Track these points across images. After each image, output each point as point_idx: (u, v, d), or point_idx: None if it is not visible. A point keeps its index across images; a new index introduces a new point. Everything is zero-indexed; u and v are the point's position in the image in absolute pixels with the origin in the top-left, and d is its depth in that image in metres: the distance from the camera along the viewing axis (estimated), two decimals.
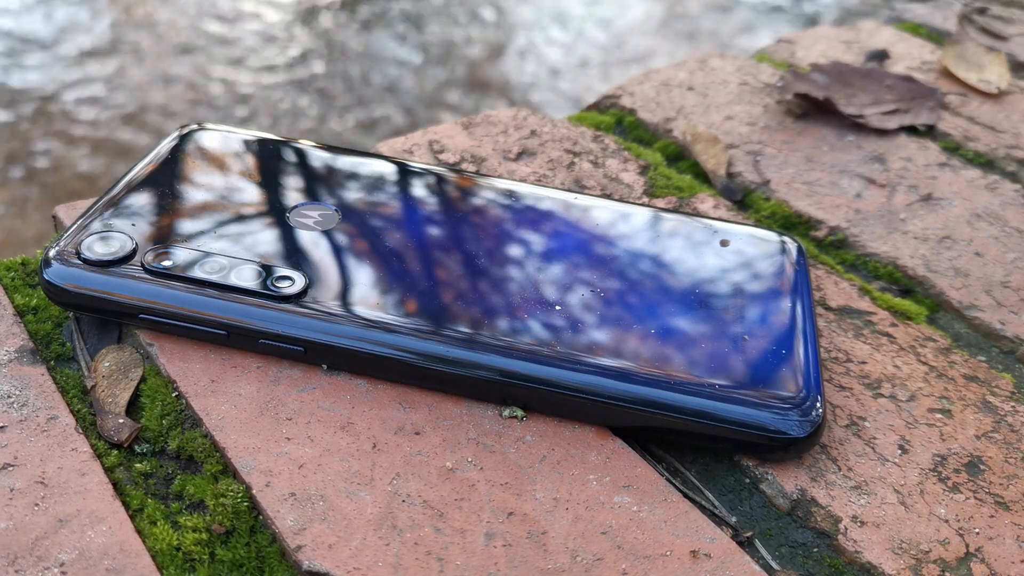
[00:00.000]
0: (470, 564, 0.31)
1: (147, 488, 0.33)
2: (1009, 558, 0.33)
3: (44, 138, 1.49)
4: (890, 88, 0.61)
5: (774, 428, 0.34)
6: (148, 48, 1.75)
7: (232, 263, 0.38)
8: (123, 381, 0.37)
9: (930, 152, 0.56)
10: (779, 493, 0.35)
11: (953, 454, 0.37)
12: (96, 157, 1.46)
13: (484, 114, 0.56)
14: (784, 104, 0.60)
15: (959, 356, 0.42)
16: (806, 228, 0.50)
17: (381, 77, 1.72)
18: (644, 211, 0.45)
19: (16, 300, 0.40)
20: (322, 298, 0.37)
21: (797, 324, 0.39)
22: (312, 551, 0.31)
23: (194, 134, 0.45)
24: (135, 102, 1.60)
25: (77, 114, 1.55)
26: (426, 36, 1.87)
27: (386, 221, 0.42)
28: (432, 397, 0.37)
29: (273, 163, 0.45)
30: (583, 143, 0.55)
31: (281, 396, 0.36)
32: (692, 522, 0.33)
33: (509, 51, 1.86)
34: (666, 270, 0.41)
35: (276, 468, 0.33)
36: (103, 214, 0.39)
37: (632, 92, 0.61)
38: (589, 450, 0.35)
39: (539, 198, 0.44)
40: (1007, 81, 0.64)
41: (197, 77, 1.68)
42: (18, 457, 0.33)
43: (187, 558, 0.31)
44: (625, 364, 0.36)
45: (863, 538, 0.33)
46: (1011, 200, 0.52)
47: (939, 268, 0.47)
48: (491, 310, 0.37)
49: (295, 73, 1.73)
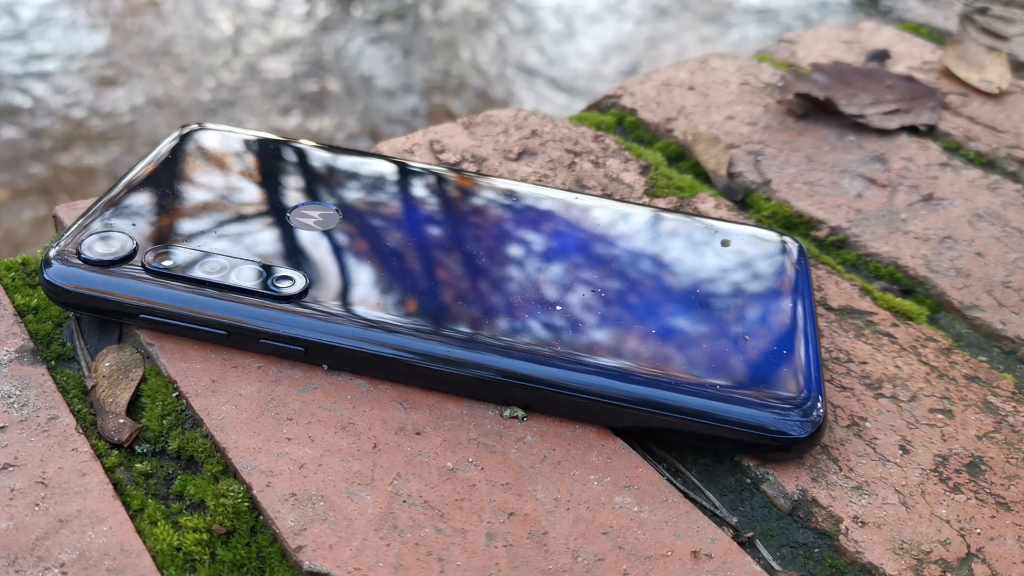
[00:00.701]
0: (471, 564, 0.31)
1: (148, 488, 0.33)
2: (1010, 558, 0.33)
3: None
4: (891, 88, 0.61)
5: (775, 428, 0.34)
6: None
7: (233, 263, 0.38)
8: (123, 381, 0.37)
9: (931, 152, 0.56)
10: (780, 493, 0.35)
11: (954, 454, 0.37)
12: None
13: (485, 114, 0.56)
14: (785, 104, 0.60)
15: (960, 356, 0.42)
16: (807, 228, 0.50)
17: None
18: (645, 211, 0.45)
19: (16, 300, 0.40)
20: (323, 298, 0.37)
21: (798, 324, 0.39)
22: (313, 551, 0.30)
23: (194, 134, 0.45)
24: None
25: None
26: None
27: (387, 221, 0.42)
28: (433, 397, 0.36)
29: (273, 163, 0.45)
30: (584, 143, 0.55)
31: (282, 396, 0.36)
32: (693, 522, 0.33)
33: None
34: (667, 270, 0.41)
35: (277, 468, 0.33)
36: (103, 214, 0.39)
37: (633, 92, 0.61)
38: (590, 450, 0.35)
39: (540, 198, 0.44)
40: (1008, 81, 0.64)
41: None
42: (18, 457, 0.33)
43: (188, 558, 0.31)
44: (626, 364, 0.36)
45: (864, 538, 0.33)
46: (1012, 200, 0.52)
47: (940, 268, 0.47)
48: (492, 310, 0.37)
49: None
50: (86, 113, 1.57)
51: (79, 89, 1.64)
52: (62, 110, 1.58)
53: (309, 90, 1.69)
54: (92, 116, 1.57)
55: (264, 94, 1.66)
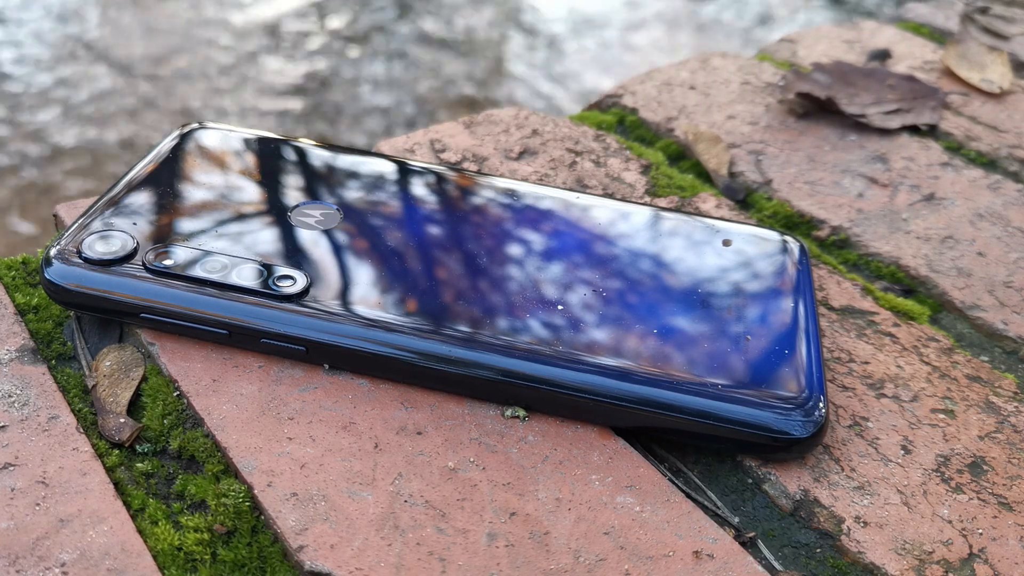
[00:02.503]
0: (472, 564, 0.31)
1: (148, 488, 0.33)
2: (1012, 559, 0.33)
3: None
4: (892, 88, 0.61)
5: (777, 428, 0.34)
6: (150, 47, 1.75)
7: (233, 262, 0.38)
8: (124, 380, 0.36)
9: (932, 152, 0.56)
10: (782, 493, 0.35)
11: (956, 455, 0.37)
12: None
13: (486, 113, 0.56)
14: (786, 103, 0.59)
15: (962, 356, 0.42)
16: (808, 228, 0.50)
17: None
18: (646, 211, 0.44)
19: (17, 299, 0.40)
20: (324, 297, 0.37)
21: (800, 324, 0.39)
22: (314, 551, 0.30)
23: (195, 133, 0.45)
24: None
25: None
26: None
27: (388, 220, 0.42)
28: (434, 397, 0.36)
29: (274, 162, 0.44)
30: (585, 142, 0.55)
31: (283, 396, 0.36)
32: (695, 522, 0.33)
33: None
34: (668, 270, 0.41)
35: (278, 468, 0.33)
36: (104, 213, 0.39)
37: (634, 91, 0.61)
38: (591, 450, 0.35)
39: (541, 197, 0.44)
40: (1009, 81, 0.64)
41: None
42: (19, 457, 0.33)
43: (189, 558, 0.31)
44: (627, 364, 0.36)
45: (866, 539, 0.33)
46: (1014, 200, 0.52)
47: (941, 268, 0.47)
48: (493, 310, 0.37)
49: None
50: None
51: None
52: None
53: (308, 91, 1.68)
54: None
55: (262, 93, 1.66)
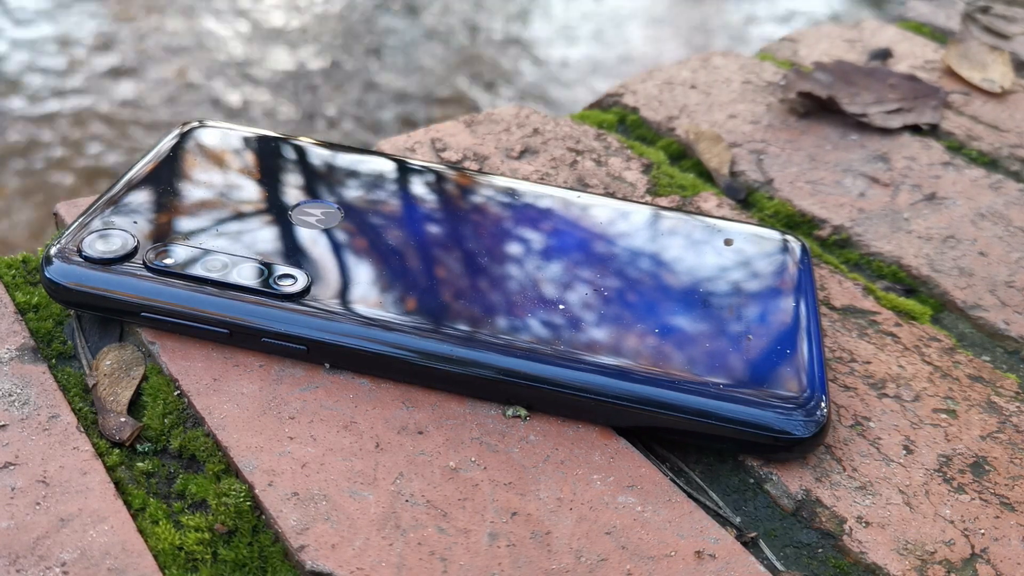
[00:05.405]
0: (474, 564, 0.31)
1: (149, 487, 0.33)
2: (1015, 559, 0.33)
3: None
4: (893, 87, 0.61)
5: (778, 428, 0.34)
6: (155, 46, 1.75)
7: (234, 261, 0.37)
8: (125, 380, 0.36)
9: (934, 151, 0.56)
10: (783, 493, 0.35)
11: (958, 454, 0.37)
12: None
13: (486, 112, 0.56)
14: (787, 103, 0.59)
15: (963, 356, 0.42)
16: (809, 227, 0.50)
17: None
18: (647, 210, 0.44)
19: (17, 298, 0.39)
20: (325, 296, 0.37)
21: (801, 324, 0.39)
22: (315, 551, 0.30)
23: (195, 131, 0.45)
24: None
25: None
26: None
27: (388, 219, 0.41)
28: (435, 396, 0.36)
29: (275, 161, 0.44)
30: (586, 141, 0.55)
31: (283, 395, 0.36)
32: (696, 522, 0.33)
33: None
34: (669, 269, 0.41)
35: (279, 467, 0.33)
36: (104, 212, 0.39)
37: (635, 90, 0.60)
38: (593, 450, 0.35)
39: (542, 196, 0.44)
40: (1010, 80, 0.64)
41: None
42: (19, 456, 0.33)
43: (189, 558, 0.31)
44: (629, 363, 0.35)
45: (868, 539, 0.33)
46: (1015, 199, 0.52)
47: (943, 268, 0.47)
48: (494, 309, 0.37)
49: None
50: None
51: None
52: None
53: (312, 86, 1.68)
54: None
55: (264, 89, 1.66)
